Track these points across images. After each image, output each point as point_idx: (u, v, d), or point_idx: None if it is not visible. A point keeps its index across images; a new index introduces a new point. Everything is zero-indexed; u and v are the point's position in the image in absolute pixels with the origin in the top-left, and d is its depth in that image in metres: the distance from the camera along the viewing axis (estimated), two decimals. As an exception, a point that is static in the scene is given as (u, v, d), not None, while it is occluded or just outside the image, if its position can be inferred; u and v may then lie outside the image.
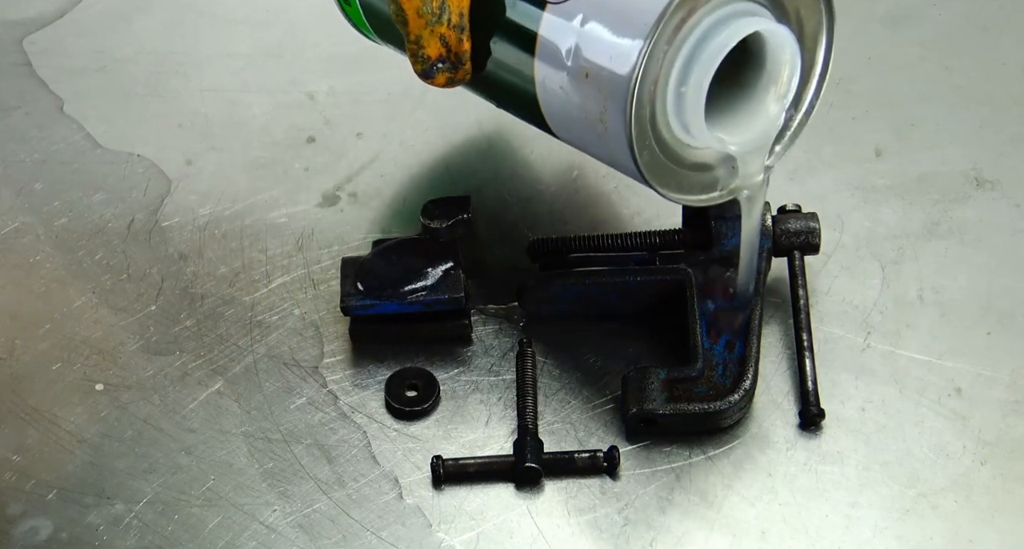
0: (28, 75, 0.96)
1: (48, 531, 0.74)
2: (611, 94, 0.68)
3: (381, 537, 0.74)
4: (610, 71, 0.68)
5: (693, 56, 0.68)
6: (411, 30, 0.73)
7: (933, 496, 0.74)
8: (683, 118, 0.69)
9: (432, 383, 0.78)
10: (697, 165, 0.72)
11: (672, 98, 0.69)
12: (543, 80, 0.71)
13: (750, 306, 0.76)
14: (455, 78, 0.75)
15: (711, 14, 0.68)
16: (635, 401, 0.75)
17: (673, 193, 0.71)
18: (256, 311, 0.82)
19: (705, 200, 0.73)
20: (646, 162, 0.70)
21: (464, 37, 0.74)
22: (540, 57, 0.71)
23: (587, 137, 0.71)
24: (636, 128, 0.68)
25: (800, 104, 0.74)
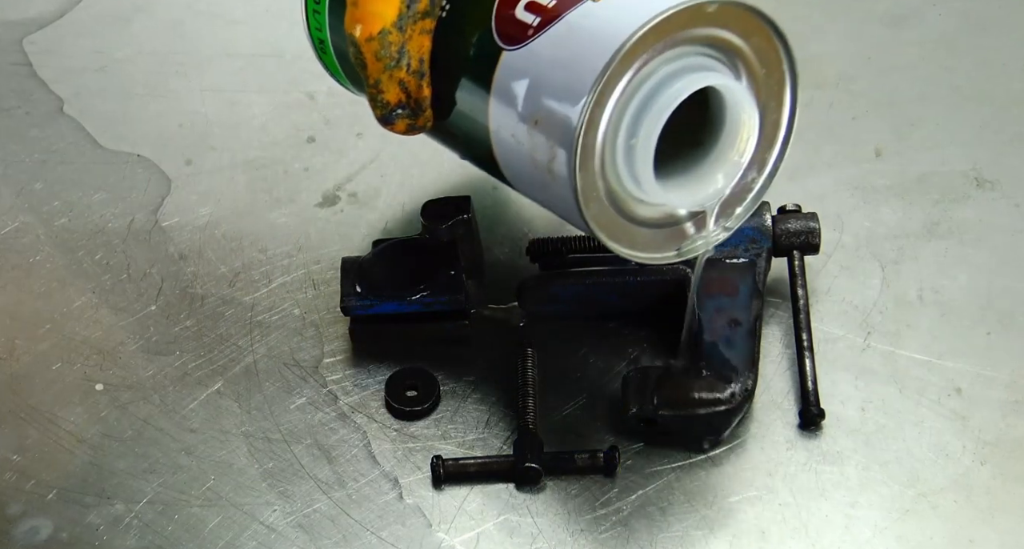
0: (28, 75, 0.96)
1: (48, 531, 0.74)
2: (559, 142, 0.67)
3: (381, 537, 0.74)
4: (558, 118, 0.67)
5: (643, 108, 0.66)
6: (370, 74, 0.73)
7: (933, 496, 0.74)
8: (633, 171, 0.68)
9: (432, 383, 0.78)
10: (651, 221, 0.70)
11: (622, 149, 0.67)
12: (497, 128, 0.71)
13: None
14: (415, 125, 0.75)
15: (665, 66, 0.67)
16: (635, 401, 0.75)
17: (624, 249, 0.70)
18: (256, 311, 0.82)
19: (659, 258, 0.71)
20: (594, 215, 0.68)
21: (424, 83, 0.73)
22: (494, 103, 0.70)
23: (538, 187, 0.71)
24: (583, 178, 0.67)
25: (763, 166, 0.72)
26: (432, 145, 0.90)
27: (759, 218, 0.79)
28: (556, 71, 0.68)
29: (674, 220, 0.71)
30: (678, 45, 0.67)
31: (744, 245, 0.79)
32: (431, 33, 0.73)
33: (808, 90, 0.92)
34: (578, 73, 0.66)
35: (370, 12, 0.72)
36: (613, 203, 0.69)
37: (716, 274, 0.78)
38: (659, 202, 0.69)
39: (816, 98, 0.92)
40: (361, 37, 0.72)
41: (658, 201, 0.69)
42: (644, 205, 0.69)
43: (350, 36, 0.72)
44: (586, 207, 0.67)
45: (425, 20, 0.72)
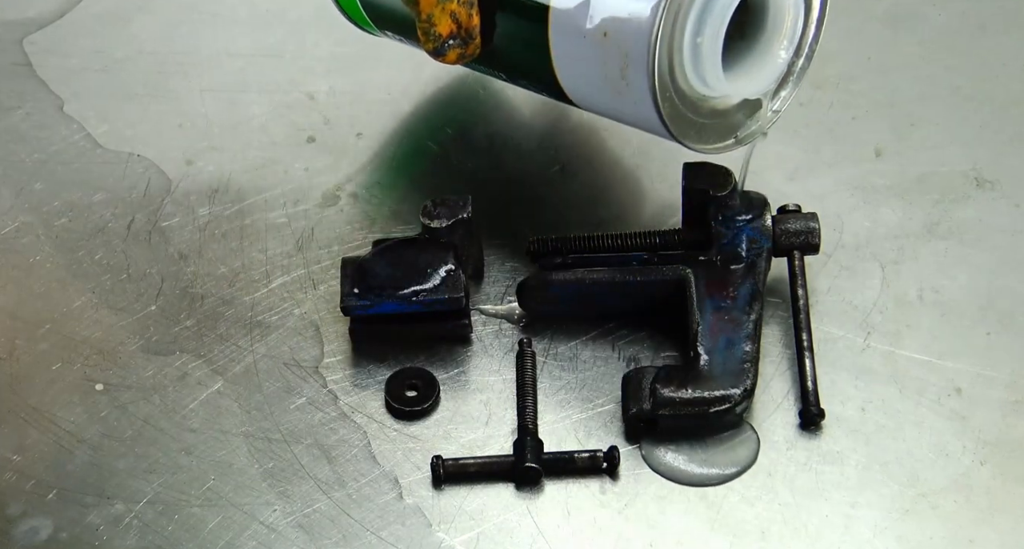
0: (28, 75, 0.96)
1: (48, 531, 0.74)
2: (632, 49, 0.71)
3: (381, 537, 0.74)
4: (630, 27, 0.71)
5: (706, 8, 0.72)
6: (423, 9, 0.75)
7: (933, 496, 0.74)
8: (700, 69, 0.73)
9: (432, 383, 0.78)
10: (713, 113, 0.76)
11: (689, 49, 0.72)
12: (557, 44, 0.74)
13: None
14: (466, 53, 0.77)
15: None
16: (635, 401, 0.75)
17: (693, 143, 0.75)
18: (256, 311, 0.82)
19: (721, 148, 0.77)
20: (668, 114, 0.73)
21: (474, 12, 0.76)
22: (554, 23, 0.73)
23: (607, 96, 0.74)
24: (659, 81, 0.71)
25: (801, 49, 0.78)
26: (432, 145, 0.91)
27: (759, 218, 0.79)
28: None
29: (729, 111, 0.77)
30: None
31: (744, 245, 0.79)
32: None
33: (808, 90, 0.93)
34: None
35: None
36: (682, 100, 0.74)
37: (716, 274, 0.78)
38: (724, 94, 0.75)
39: (816, 98, 0.92)
40: None
41: (723, 93, 0.75)
42: (704, 99, 0.75)
43: None
44: (663, 109, 0.72)
45: None
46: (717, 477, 0.75)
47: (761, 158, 0.89)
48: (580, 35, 0.73)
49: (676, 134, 0.74)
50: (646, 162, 0.89)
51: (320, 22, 0.96)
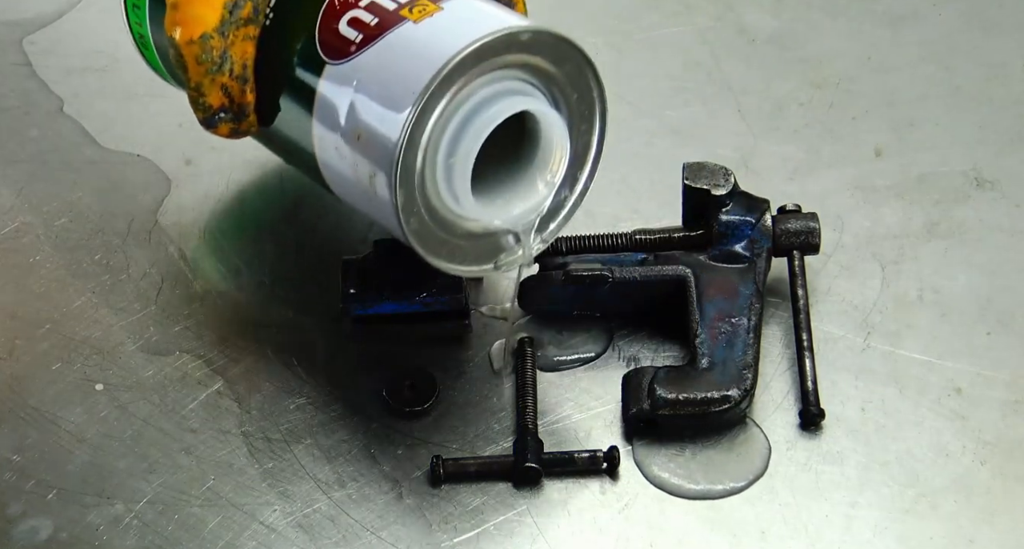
0: (28, 75, 0.96)
1: (48, 531, 0.74)
2: (379, 158, 0.69)
3: (381, 537, 0.74)
4: (379, 135, 0.69)
5: (462, 128, 0.69)
6: (190, 77, 0.73)
7: (933, 496, 0.74)
8: (452, 188, 0.70)
9: (432, 383, 0.78)
10: (470, 235, 0.73)
11: (441, 168, 0.70)
12: (320, 139, 0.72)
13: None
14: (239, 129, 0.75)
15: (483, 89, 0.69)
16: (635, 401, 0.75)
17: (443, 262, 0.72)
18: (256, 311, 0.82)
19: (476, 271, 0.74)
20: (414, 229, 0.70)
21: (248, 88, 0.74)
22: (318, 115, 0.72)
23: (360, 199, 0.72)
24: (403, 194, 0.69)
25: (575, 184, 0.75)
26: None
27: (759, 218, 0.79)
28: (378, 88, 0.69)
29: (492, 234, 0.73)
30: (495, 69, 0.69)
31: (744, 245, 0.79)
32: (255, 39, 0.73)
33: (808, 90, 0.93)
34: (399, 90, 0.68)
35: (191, 16, 0.72)
36: (432, 217, 0.71)
37: (716, 274, 0.78)
38: (477, 218, 0.72)
39: (816, 98, 0.92)
40: (182, 40, 0.72)
41: (476, 218, 0.72)
42: (462, 220, 0.72)
43: (170, 38, 0.72)
44: (406, 222, 0.70)
45: (248, 26, 0.73)
46: (720, 492, 0.75)
47: (761, 158, 0.89)
48: (337, 132, 0.71)
49: (423, 251, 0.71)
50: (646, 162, 0.89)
51: (320, 22, 0.96)
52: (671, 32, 0.97)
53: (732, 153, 0.89)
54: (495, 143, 0.70)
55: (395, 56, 0.70)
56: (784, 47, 0.96)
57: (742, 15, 0.98)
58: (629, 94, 0.93)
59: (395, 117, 0.68)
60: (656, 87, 0.93)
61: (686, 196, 0.80)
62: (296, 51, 0.73)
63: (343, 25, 0.72)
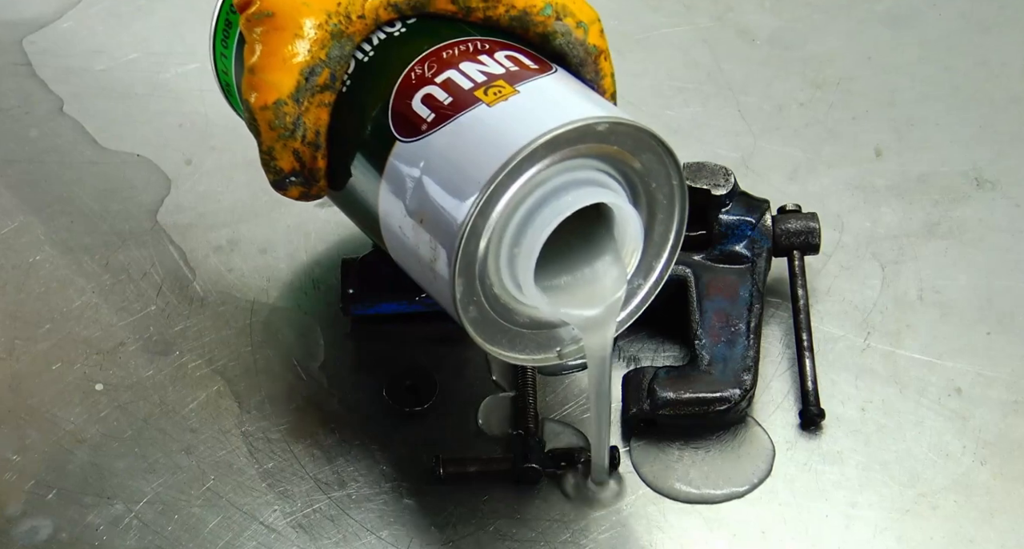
0: (28, 75, 0.96)
1: (48, 531, 0.74)
2: (441, 243, 0.66)
3: (381, 537, 0.74)
4: (442, 220, 0.66)
5: (529, 218, 0.66)
6: (263, 141, 0.71)
7: (933, 496, 0.74)
8: (515, 279, 0.67)
9: (432, 383, 0.78)
10: (533, 322, 0.70)
11: (505, 257, 0.67)
12: (385, 216, 0.70)
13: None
14: (309, 193, 0.74)
15: (556, 178, 0.66)
16: (635, 401, 0.75)
17: (503, 350, 0.69)
18: (256, 311, 0.82)
19: (540, 360, 0.71)
20: (472, 318, 0.68)
21: (319, 155, 0.72)
22: (383, 192, 0.69)
23: (423, 278, 0.70)
24: (463, 282, 0.66)
25: (650, 274, 0.72)
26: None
27: (759, 218, 0.79)
28: (445, 171, 0.67)
29: (552, 324, 0.70)
30: (569, 158, 0.66)
31: (744, 245, 0.79)
32: (330, 106, 0.71)
33: (808, 90, 0.93)
34: (466, 177, 0.66)
35: (266, 82, 0.70)
36: (493, 305, 0.68)
37: (716, 274, 0.78)
38: (543, 310, 0.69)
39: (816, 98, 0.92)
40: (256, 105, 0.70)
41: (543, 309, 0.69)
42: (526, 308, 0.69)
43: (245, 102, 0.71)
44: (464, 311, 0.67)
45: (324, 93, 0.71)
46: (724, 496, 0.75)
47: (761, 158, 0.89)
48: (402, 210, 0.68)
49: (480, 339, 0.68)
50: (646, 162, 0.89)
51: (320, 22, 0.96)
52: (671, 32, 0.97)
53: (732, 153, 0.89)
54: (568, 228, 0.66)
55: (465, 140, 0.67)
56: (784, 47, 0.96)
57: (742, 15, 0.98)
58: (629, 94, 0.93)
59: (459, 205, 0.65)
60: (656, 87, 0.93)
61: (686, 196, 0.80)
62: (369, 121, 0.70)
63: (417, 102, 0.69)
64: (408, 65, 0.70)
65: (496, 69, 0.69)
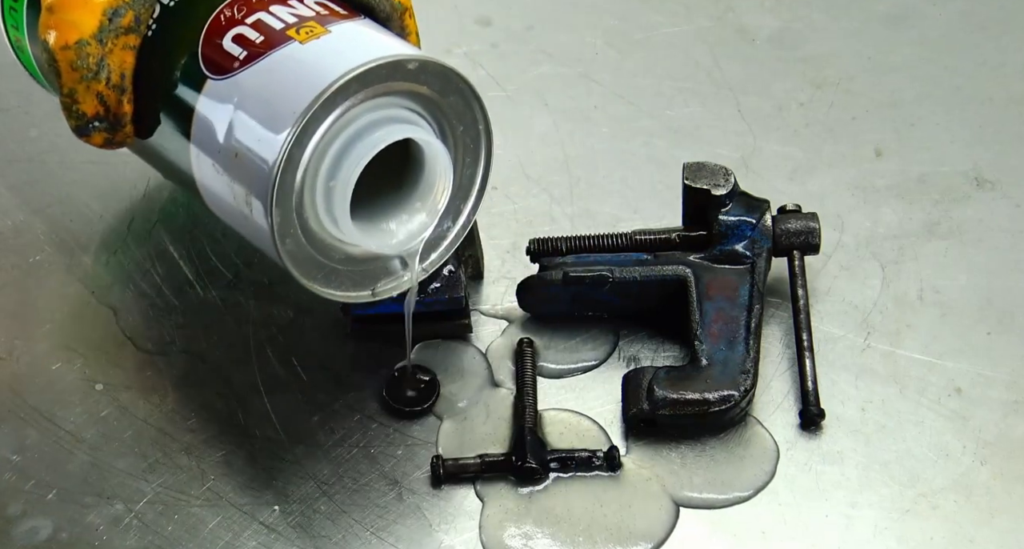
0: (28, 75, 0.96)
1: (48, 531, 0.74)
2: (256, 179, 0.68)
3: (381, 537, 0.74)
4: (257, 155, 0.68)
5: (343, 152, 0.68)
6: (64, 83, 0.71)
7: (933, 496, 0.74)
8: (331, 212, 0.69)
9: (432, 383, 0.78)
10: (348, 259, 0.72)
11: (321, 191, 0.69)
12: (198, 155, 0.71)
13: None
14: (114, 140, 0.74)
15: (368, 114, 0.68)
16: (635, 401, 0.75)
17: (319, 286, 0.71)
18: (256, 311, 0.82)
19: (354, 297, 0.73)
20: (290, 251, 0.69)
21: (125, 99, 0.72)
22: (196, 132, 0.71)
23: (236, 218, 0.71)
24: (279, 216, 0.68)
25: (458, 215, 0.74)
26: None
27: (759, 218, 0.79)
28: (259, 106, 0.68)
29: (371, 260, 0.72)
30: (381, 95, 0.68)
31: (744, 245, 0.79)
32: (135, 49, 0.72)
33: (808, 90, 0.93)
34: (280, 110, 0.67)
35: (66, 21, 0.70)
36: (310, 240, 0.70)
37: (716, 274, 0.78)
38: (356, 244, 0.71)
39: (816, 98, 0.92)
40: (56, 45, 0.70)
41: (356, 243, 0.71)
42: (342, 244, 0.71)
43: (43, 42, 0.71)
44: (281, 243, 0.69)
45: (129, 36, 0.71)
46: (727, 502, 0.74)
47: (761, 158, 0.89)
48: (215, 149, 0.70)
49: (298, 274, 0.70)
50: (646, 162, 0.89)
51: (320, 22, 0.96)
52: (671, 32, 0.97)
53: (732, 153, 0.89)
54: (378, 168, 0.69)
55: (278, 76, 0.69)
56: (784, 47, 0.96)
57: (742, 15, 0.98)
58: (629, 94, 0.93)
59: (274, 138, 0.67)
60: (656, 87, 0.93)
61: (686, 196, 0.80)
62: (178, 64, 0.71)
63: (227, 41, 0.70)
64: (216, 8, 0.71)
65: (306, 12, 0.71)
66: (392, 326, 0.79)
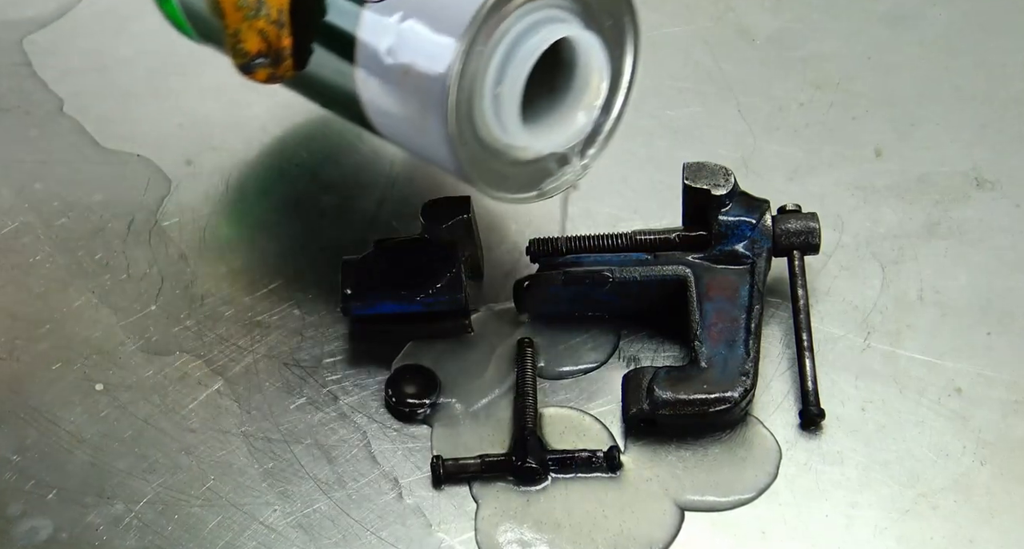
0: (28, 75, 0.96)
1: (48, 531, 0.74)
2: (429, 91, 0.70)
3: (381, 537, 0.74)
4: (429, 67, 0.70)
5: (508, 57, 0.71)
6: (229, 23, 0.74)
7: (933, 496, 0.74)
8: (500, 117, 0.72)
9: (432, 383, 0.78)
10: (516, 162, 0.75)
11: (489, 97, 0.71)
12: (364, 78, 0.73)
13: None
14: (276, 74, 0.76)
15: (525, 18, 0.71)
16: (635, 401, 0.75)
17: (494, 191, 0.74)
18: (256, 311, 0.82)
19: (523, 198, 0.75)
20: (467, 159, 0.72)
21: (284, 33, 0.75)
22: (360, 54, 0.73)
23: (409, 135, 0.73)
24: (456, 126, 0.70)
25: (610, 109, 0.77)
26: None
27: (759, 218, 0.79)
28: (425, 19, 0.70)
29: (534, 162, 0.75)
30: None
31: (744, 245, 0.79)
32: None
33: (808, 90, 0.93)
34: (449, 21, 0.69)
35: None
36: (481, 146, 0.72)
37: (716, 274, 0.78)
38: (523, 145, 0.73)
39: (816, 98, 0.92)
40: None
41: (524, 144, 0.73)
42: (508, 148, 0.73)
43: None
44: (460, 153, 0.71)
45: None
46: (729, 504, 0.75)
47: (761, 158, 0.89)
48: (383, 70, 0.72)
49: (474, 180, 0.73)
50: (647, 162, 0.89)
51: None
52: (671, 32, 0.97)
53: (732, 153, 0.89)
54: (534, 72, 0.71)
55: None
56: (784, 47, 0.96)
57: (742, 15, 0.98)
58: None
59: (446, 48, 0.69)
60: (656, 87, 0.93)
61: (686, 196, 0.80)
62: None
63: None
64: None
65: None
66: (392, 326, 0.80)
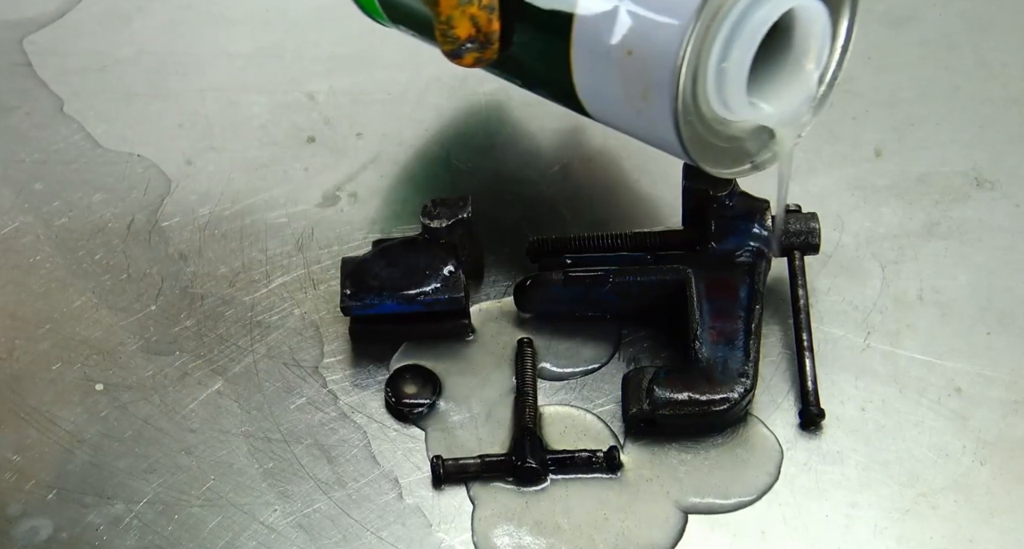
0: (28, 75, 0.96)
1: (48, 531, 0.74)
2: (656, 72, 0.69)
3: (381, 537, 0.74)
4: (656, 47, 0.69)
5: (734, 32, 0.69)
6: (442, 10, 0.74)
7: (933, 496, 0.74)
8: (724, 93, 0.71)
9: (432, 383, 0.78)
10: (731, 137, 0.74)
11: (713, 74, 0.70)
12: (579, 57, 0.72)
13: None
14: (483, 57, 0.76)
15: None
16: (635, 401, 0.75)
17: (711, 166, 0.73)
18: (256, 311, 0.82)
19: (737, 172, 0.75)
20: (688, 137, 0.71)
21: (494, 17, 0.75)
22: (577, 34, 0.72)
23: (627, 115, 0.73)
24: (681, 105, 0.69)
25: (824, 77, 0.76)
26: (432, 145, 0.91)
27: (759, 219, 0.79)
28: (650, 1, 0.69)
29: (746, 136, 0.74)
30: None
31: (744, 245, 0.79)
32: None
33: (808, 90, 0.93)
34: (675, 1, 0.68)
35: None
36: (701, 123, 0.72)
37: (716, 275, 0.78)
38: (745, 119, 0.73)
39: (816, 98, 0.92)
40: None
41: (744, 118, 0.72)
42: (724, 123, 0.73)
43: None
44: (683, 132, 0.70)
45: None
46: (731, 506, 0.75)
47: (761, 158, 0.89)
48: (603, 50, 0.71)
49: (695, 158, 0.72)
50: (646, 162, 0.89)
51: (320, 22, 0.96)
52: (671, 32, 0.97)
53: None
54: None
55: None
56: (784, 47, 0.96)
57: (742, 15, 0.98)
58: (629, 94, 0.93)
59: (674, 27, 0.68)
60: (656, 87, 0.93)
61: (686, 196, 0.80)
62: None
63: None
64: None
65: None
66: (392, 326, 0.80)
